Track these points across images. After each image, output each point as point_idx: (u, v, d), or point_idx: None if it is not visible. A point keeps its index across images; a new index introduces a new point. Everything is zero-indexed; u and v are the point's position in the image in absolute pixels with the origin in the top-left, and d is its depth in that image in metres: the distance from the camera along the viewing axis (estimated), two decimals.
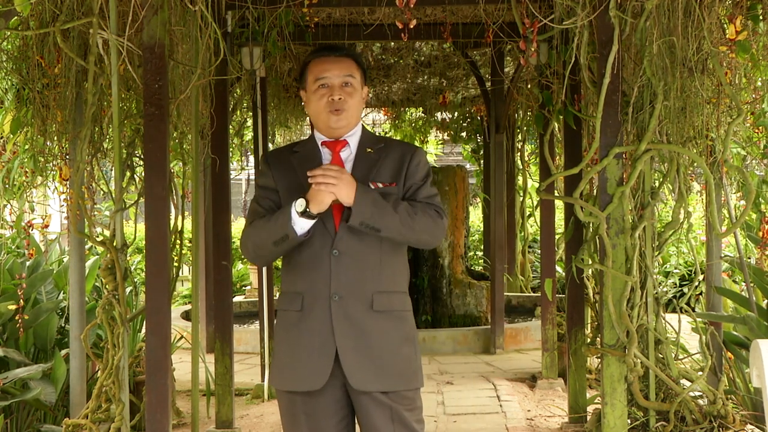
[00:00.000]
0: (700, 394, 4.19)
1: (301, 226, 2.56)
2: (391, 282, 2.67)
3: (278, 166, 2.74)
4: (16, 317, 4.51)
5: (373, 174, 2.67)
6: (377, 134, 2.88)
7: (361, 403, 2.63)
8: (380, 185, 2.66)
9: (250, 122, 8.76)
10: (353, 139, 2.73)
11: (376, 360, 2.60)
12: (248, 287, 11.47)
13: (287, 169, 2.72)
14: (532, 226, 10.93)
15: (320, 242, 2.61)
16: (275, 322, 2.79)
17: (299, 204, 2.54)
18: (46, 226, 5.43)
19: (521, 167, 10.54)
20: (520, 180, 10.52)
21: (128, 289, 4.21)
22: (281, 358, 2.69)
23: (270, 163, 2.76)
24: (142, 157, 4.16)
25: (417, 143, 11.93)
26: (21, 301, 4.52)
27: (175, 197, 4.31)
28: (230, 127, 6.59)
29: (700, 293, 6.59)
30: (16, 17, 3.81)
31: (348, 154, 2.72)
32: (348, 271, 2.60)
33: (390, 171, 2.69)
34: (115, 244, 3.89)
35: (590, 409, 4.91)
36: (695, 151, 3.96)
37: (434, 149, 14.65)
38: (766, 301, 4.77)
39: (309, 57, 2.76)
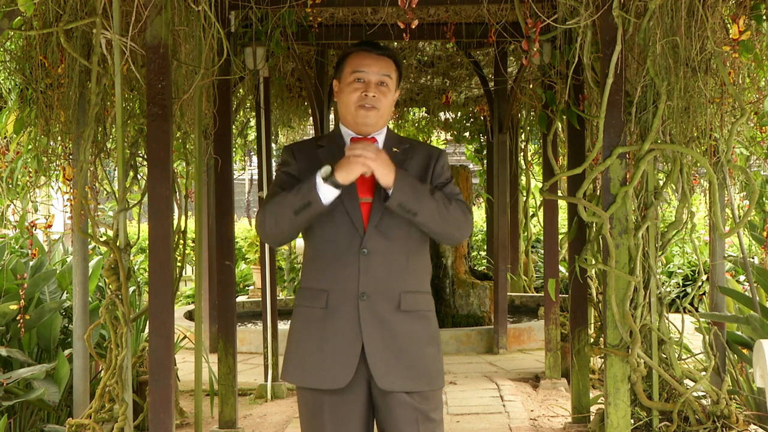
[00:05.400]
0: (704, 394, 4.19)
1: (325, 194, 2.49)
2: (417, 282, 2.65)
3: (303, 159, 2.67)
4: (19, 317, 4.52)
5: None
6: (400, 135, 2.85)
7: (386, 405, 2.59)
8: None
9: (253, 122, 8.78)
10: (380, 137, 2.71)
11: (403, 360, 2.58)
12: (251, 287, 11.48)
13: (313, 163, 2.62)
14: (536, 226, 10.92)
15: (348, 240, 2.57)
16: (293, 317, 2.71)
17: (324, 170, 2.48)
18: (50, 226, 5.44)
19: (524, 167, 10.53)
20: (523, 180, 10.51)
21: (131, 289, 4.22)
22: (302, 355, 2.62)
23: (295, 155, 2.69)
24: (145, 157, 4.16)
25: None
26: (22, 301, 4.53)
27: (178, 197, 4.31)
28: (233, 127, 6.60)
29: (704, 293, 6.58)
30: (19, 17, 3.81)
31: None
32: (376, 271, 2.56)
33: (417, 171, 2.65)
34: (118, 244, 3.89)
35: (593, 409, 4.91)
36: (698, 151, 3.96)
37: None
38: None
39: (350, 48, 2.72)
